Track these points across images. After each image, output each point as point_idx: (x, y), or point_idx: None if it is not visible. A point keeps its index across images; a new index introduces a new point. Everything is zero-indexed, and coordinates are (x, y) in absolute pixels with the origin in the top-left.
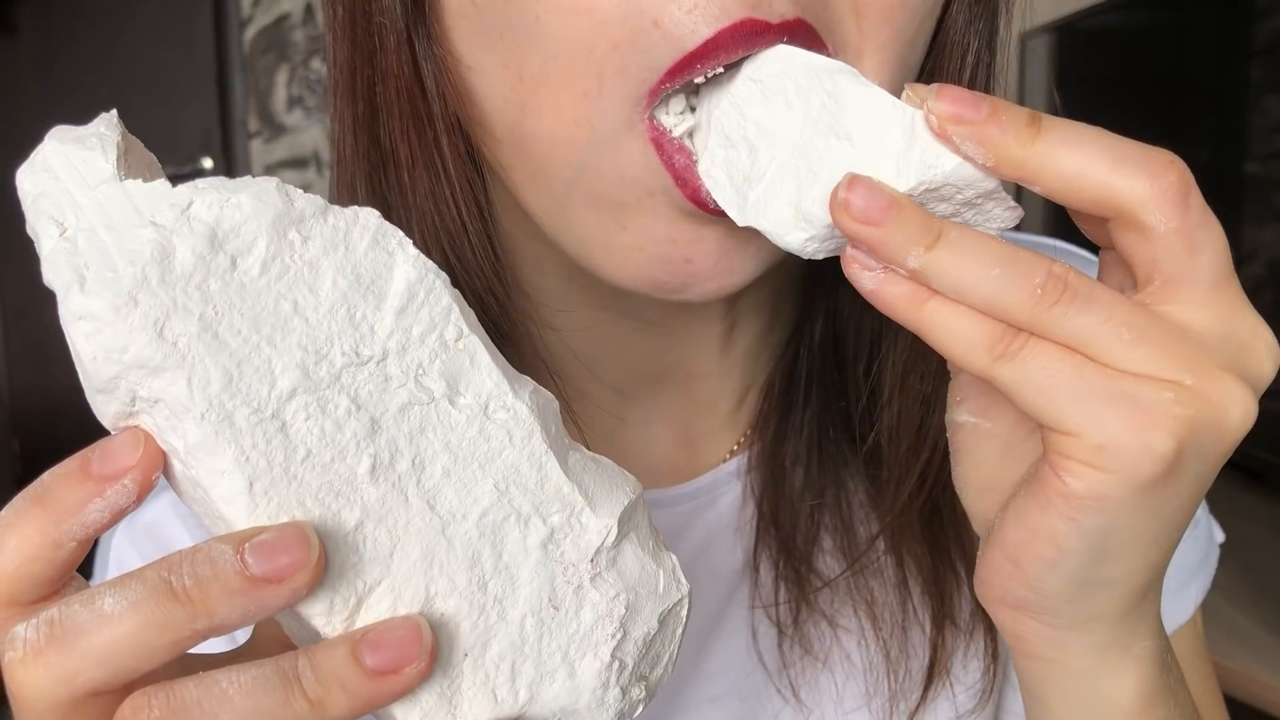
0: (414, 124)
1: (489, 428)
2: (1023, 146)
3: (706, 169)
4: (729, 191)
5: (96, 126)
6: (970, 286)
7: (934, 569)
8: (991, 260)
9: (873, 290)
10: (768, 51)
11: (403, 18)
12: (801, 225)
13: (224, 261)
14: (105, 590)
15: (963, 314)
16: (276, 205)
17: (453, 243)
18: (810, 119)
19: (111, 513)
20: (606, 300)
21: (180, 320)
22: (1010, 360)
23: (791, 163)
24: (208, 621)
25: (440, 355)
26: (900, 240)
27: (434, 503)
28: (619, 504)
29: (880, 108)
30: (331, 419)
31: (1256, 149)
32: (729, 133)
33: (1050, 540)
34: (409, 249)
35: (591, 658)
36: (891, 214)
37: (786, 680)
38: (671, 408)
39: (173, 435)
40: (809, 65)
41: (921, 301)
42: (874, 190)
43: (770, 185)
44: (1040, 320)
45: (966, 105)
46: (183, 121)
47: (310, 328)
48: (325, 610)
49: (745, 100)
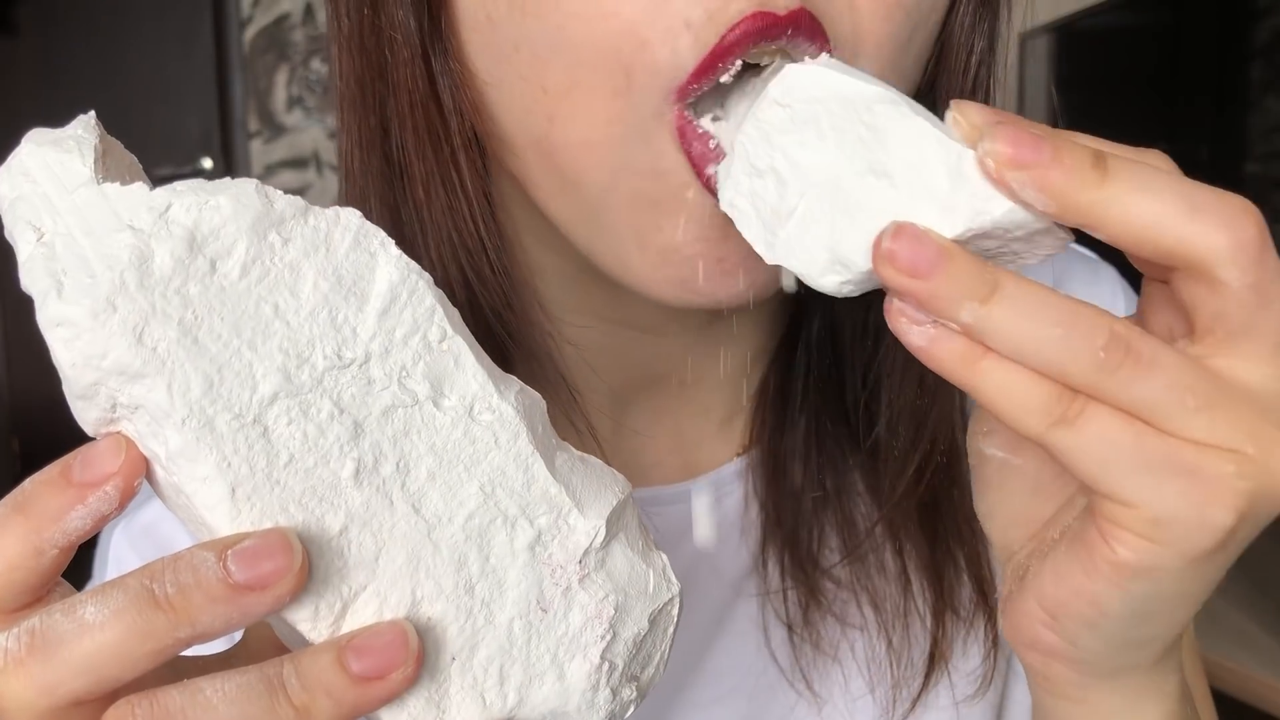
0: (430, 139)
1: (474, 430)
2: (1088, 192)
3: (730, 199)
4: (755, 226)
5: (74, 129)
6: (1029, 347)
7: (933, 559)
8: (1053, 319)
9: (922, 348)
10: (796, 71)
11: (417, 33)
12: (836, 269)
13: (203, 265)
14: (87, 599)
15: (1018, 375)
16: (256, 207)
17: (471, 259)
18: (846, 153)
19: (94, 520)
20: (603, 307)
21: (159, 325)
22: (1067, 427)
23: (825, 201)
24: (190, 630)
25: (424, 357)
26: (952, 293)
27: (419, 506)
28: (607, 504)
29: (924, 144)
30: (314, 423)
31: (1256, 149)
32: (755, 161)
33: (1093, 604)
34: (391, 249)
35: (581, 659)
36: (941, 265)
37: (800, 675)
38: (668, 414)
39: (154, 441)
40: (845, 94)
41: (975, 360)
42: (921, 240)
43: (801, 223)
44: (1101, 385)
45: (1026, 147)
46: (182, 121)
47: (291, 331)
48: (310, 616)
49: (773, 127)
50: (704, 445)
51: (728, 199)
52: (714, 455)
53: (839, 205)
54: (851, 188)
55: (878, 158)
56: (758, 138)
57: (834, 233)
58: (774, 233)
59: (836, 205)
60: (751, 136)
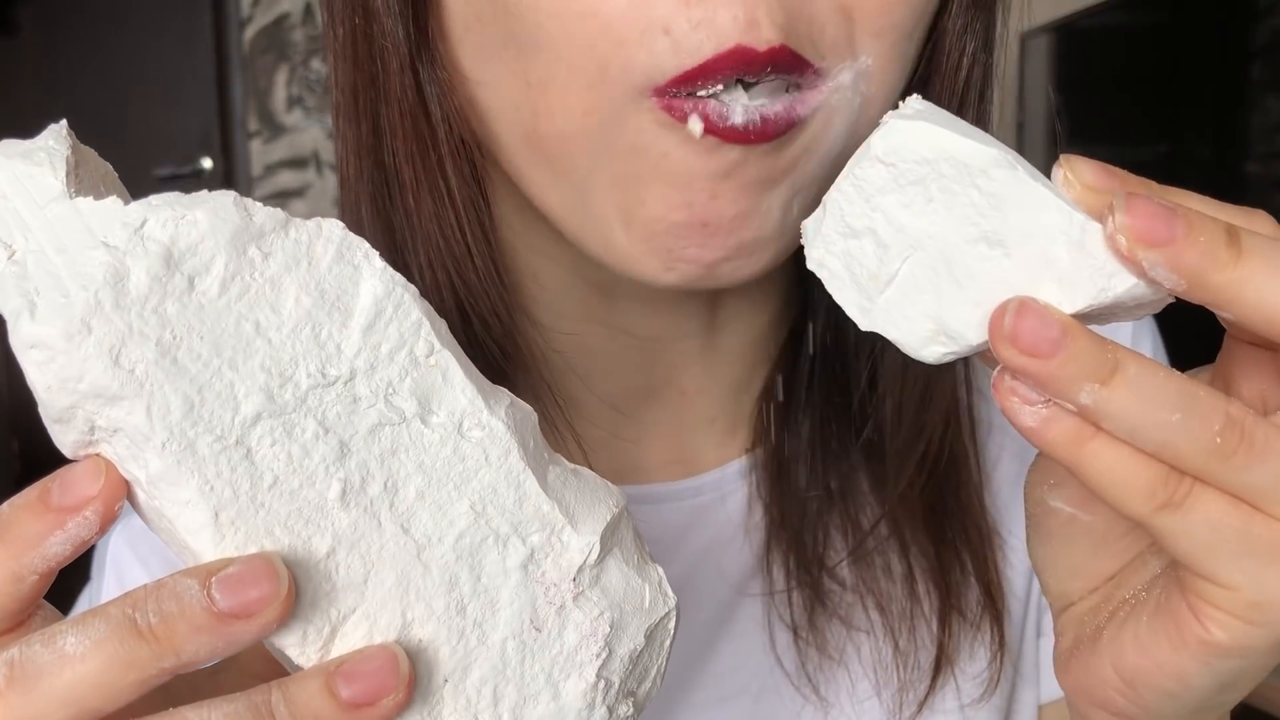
0: (418, 147)
1: (464, 447)
2: (1222, 272)
3: (820, 258)
4: (849, 289)
5: (44, 139)
6: (1145, 430)
7: (939, 561)
8: (1172, 403)
9: (1033, 428)
10: (903, 129)
11: (405, 42)
12: (941, 340)
13: (181, 282)
14: (67, 629)
15: (1127, 456)
16: (234, 221)
17: (458, 266)
18: (956, 218)
19: (73, 545)
20: (602, 314)
21: (137, 346)
22: (1173, 510)
23: (931, 268)
24: (174, 660)
25: (411, 373)
26: (1074, 375)
27: (408, 526)
28: (601, 519)
29: (1044, 213)
30: (299, 443)
31: (1256, 149)
32: (851, 221)
33: (1179, 679)
34: (375, 261)
35: (576, 678)
36: (1064, 346)
37: (806, 678)
38: (668, 423)
39: (134, 465)
40: (958, 156)
41: (1086, 441)
42: (1045, 319)
43: (903, 290)
44: (1212, 470)
45: (1159, 222)
46: (182, 121)
47: (274, 349)
48: (299, 641)
49: (874, 187)
50: (706, 447)
51: (816, 257)
52: (717, 455)
53: (947, 273)
54: (961, 255)
55: (992, 225)
56: (855, 196)
57: (940, 303)
58: (870, 298)
59: (944, 273)
60: (848, 194)
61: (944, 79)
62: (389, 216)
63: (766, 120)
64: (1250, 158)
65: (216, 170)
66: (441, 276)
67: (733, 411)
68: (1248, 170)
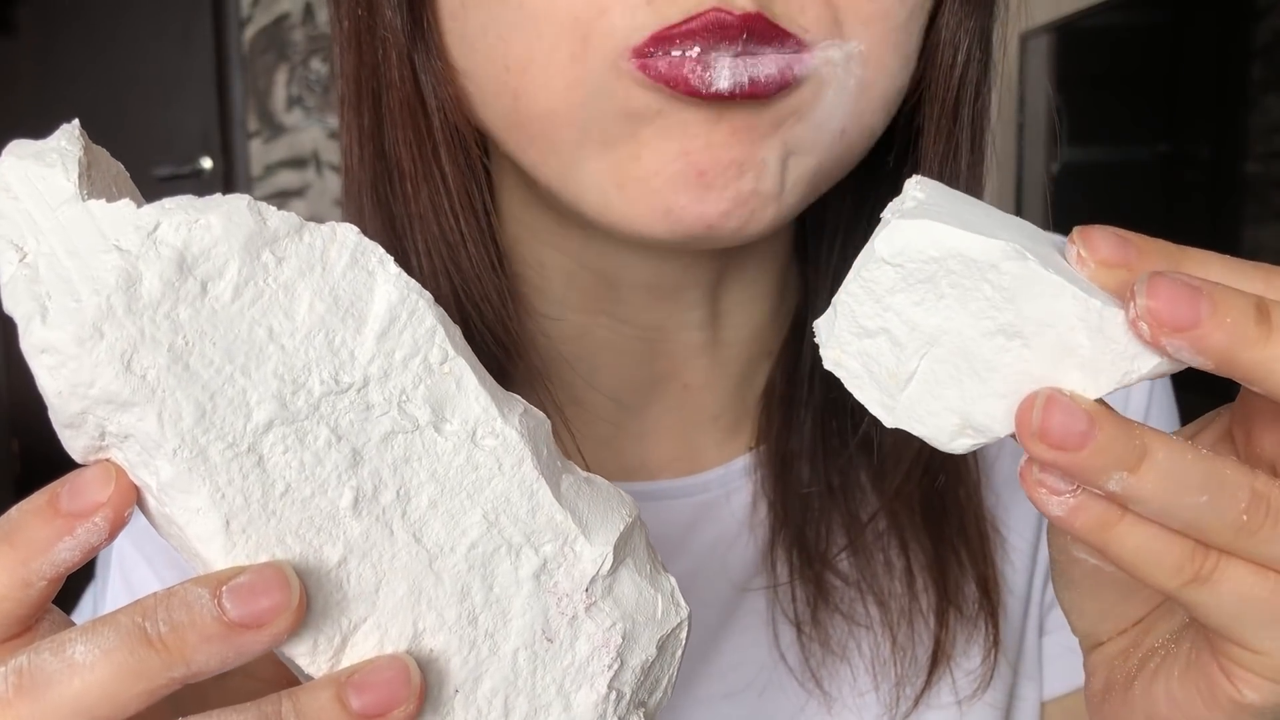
0: (415, 135)
1: (477, 455)
2: (1252, 351)
3: (836, 358)
4: (870, 388)
5: (57, 140)
6: (1173, 512)
7: (937, 557)
8: (1199, 485)
9: (1062, 517)
10: (907, 229)
11: (403, 32)
12: (969, 434)
13: (194, 287)
14: (76, 636)
15: (1155, 535)
16: (248, 225)
17: (452, 252)
18: (971, 314)
19: (82, 551)
20: (606, 304)
21: (149, 352)
22: (1202, 584)
23: (950, 363)
24: (184, 669)
25: (425, 380)
26: (1102, 466)
27: (420, 535)
28: (614, 529)
29: (1059, 302)
30: (311, 451)
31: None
32: (864, 322)
33: None
34: (390, 267)
35: (588, 689)
36: (1092, 437)
37: (810, 673)
38: (673, 415)
39: (144, 471)
40: (965, 253)
41: (1113, 524)
42: (1072, 412)
43: (924, 386)
44: (1239, 545)
45: (1183, 305)
46: (182, 121)
47: (287, 355)
48: (309, 650)
49: (883, 288)
50: (711, 444)
51: (833, 358)
52: (721, 452)
53: (967, 367)
54: (980, 349)
55: (1008, 318)
56: (865, 297)
57: (964, 397)
58: (892, 396)
59: (964, 367)
60: (857, 296)
61: (940, 76)
62: (389, 204)
63: (755, 82)
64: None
65: (216, 170)
66: (438, 263)
67: (736, 408)
68: (1248, 170)
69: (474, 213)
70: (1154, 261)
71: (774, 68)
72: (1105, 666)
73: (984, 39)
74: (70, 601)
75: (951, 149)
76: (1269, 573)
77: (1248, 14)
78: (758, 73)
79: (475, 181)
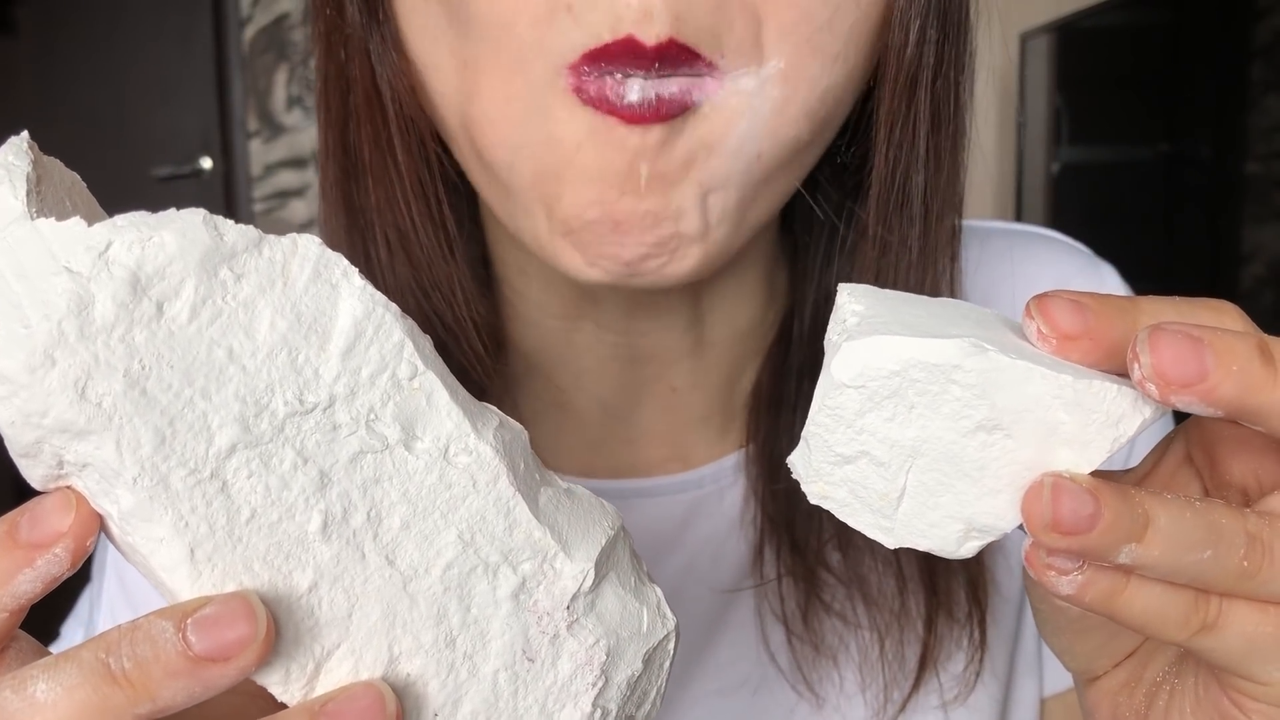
0: (372, 128)
1: (450, 473)
2: (1260, 395)
3: (820, 492)
4: (864, 514)
5: (4, 155)
6: (1179, 570)
7: (927, 560)
8: (1201, 541)
9: (1072, 595)
10: (858, 349)
11: (361, 25)
12: (974, 536)
13: (149, 309)
14: (39, 674)
15: (1160, 594)
16: (204, 241)
17: (403, 240)
18: (945, 417)
19: (44, 583)
20: (583, 308)
21: (104, 378)
22: (1209, 631)
23: (938, 470)
24: (150, 705)
25: (393, 397)
26: (1113, 541)
27: (393, 558)
28: (596, 544)
29: (1029, 385)
30: (276, 475)
31: (1257, 149)
32: (839, 449)
33: None
34: (354, 280)
35: (572, 708)
36: (1100, 516)
37: (800, 673)
38: (659, 422)
39: (105, 500)
40: (924, 360)
41: (1120, 592)
42: (1078, 496)
43: (918, 500)
44: (1241, 588)
45: (1189, 360)
46: (182, 121)
47: (248, 376)
48: (282, 679)
49: (851, 412)
50: (701, 444)
51: (817, 491)
52: (711, 452)
53: (956, 472)
54: (964, 450)
55: (983, 414)
56: (835, 425)
57: (961, 501)
58: (888, 517)
59: (953, 472)
60: (826, 425)
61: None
62: (352, 197)
63: (660, 99)
64: (1250, 158)
65: (216, 170)
66: (394, 249)
67: (724, 409)
68: (1248, 170)
69: (425, 200)
70: (1112, 324)
71: (676, 87)
72: (1109, 702)
73: (944, 16)
74: (67, 602)
75: (909, 133)
76: (1270, 608)
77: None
78: (662, 90)
79: (428, 169)
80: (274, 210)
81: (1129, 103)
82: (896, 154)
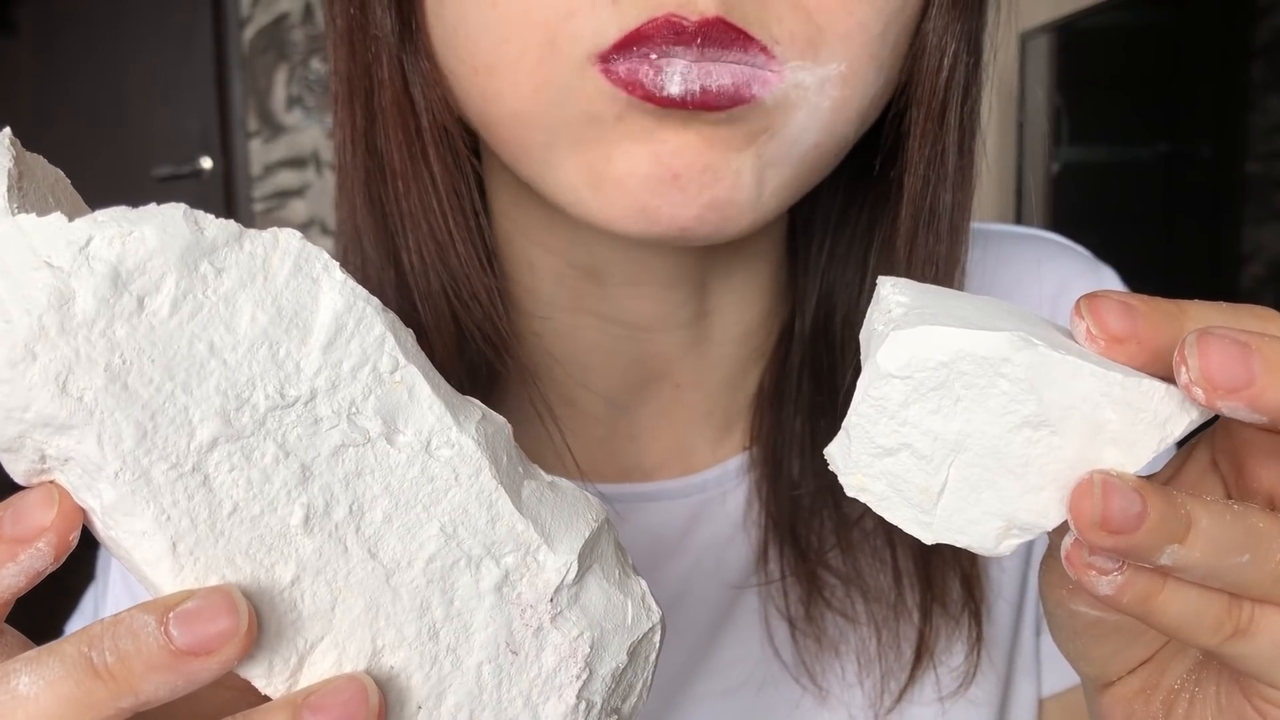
0: (404, 135)
1: (432, 466)
2: None
3: (859, 484)
4: (902, 508)
5: None
6: (1217, 574)
7: (923, 554)
8: (1241, 544)
9: (1111, 595)
10: (908, 339)
11: (392, 32)
12: (1015, 534)
13: (129, 303)
14: (21, 668)
15: (1195, 597)
16: (184, 236)
17: (441, 251)
18: (992, 412)
19: (27, 577)
20: (595, 304)
21: (85, 372)
22: (1241, 637)
23: (981, 466)
24: (133, 699)
25: (375, 390)
26: (1157, 542)
27: (376, 551)
28: (579, 536)
29: (1078, 382)
30: (258, 468)
31: (1257, 149)
32: (881, 441)
33: None
34: (335, 274)
35: (556, 701)
36: (1147, 515)
37: (804, 669)
38: (665, 416)
39: (88, 494)
40: (974, 352)
41: (1157, 594)
42: (1127, 494)
43: (959, 496)
44: (1274, 594)
45: (1236, 365)
46: (182, 121)
47: (229, 370)
48: (265, 672)
49: (896, 403)
50: (704, 443)
51: (855, 484)
52: (714, 452)
53: (999, 467)
54: (1009, 446)
55: (1030, 409)
56: (878, 416)
57: (1003, 498)
58: (927, 512)
59: (996, 468)
60: (869, 416)
61: (927, 79)
62: (381, 201)
63: (707, 92)
64: (1250, 158)
65: (216, 170)
66: (429, 259)
67: (727, 408)
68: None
69: (463, 212)
70: (1160, 328)
71: (728, 78)
72: (1123, 709)
73: (972, 42)
74: (71, 602)
75: (939, 153)
76: None
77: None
78: (710, 82)
79: (464, 181)
80: (274, 210)
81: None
82: (928, 173)
